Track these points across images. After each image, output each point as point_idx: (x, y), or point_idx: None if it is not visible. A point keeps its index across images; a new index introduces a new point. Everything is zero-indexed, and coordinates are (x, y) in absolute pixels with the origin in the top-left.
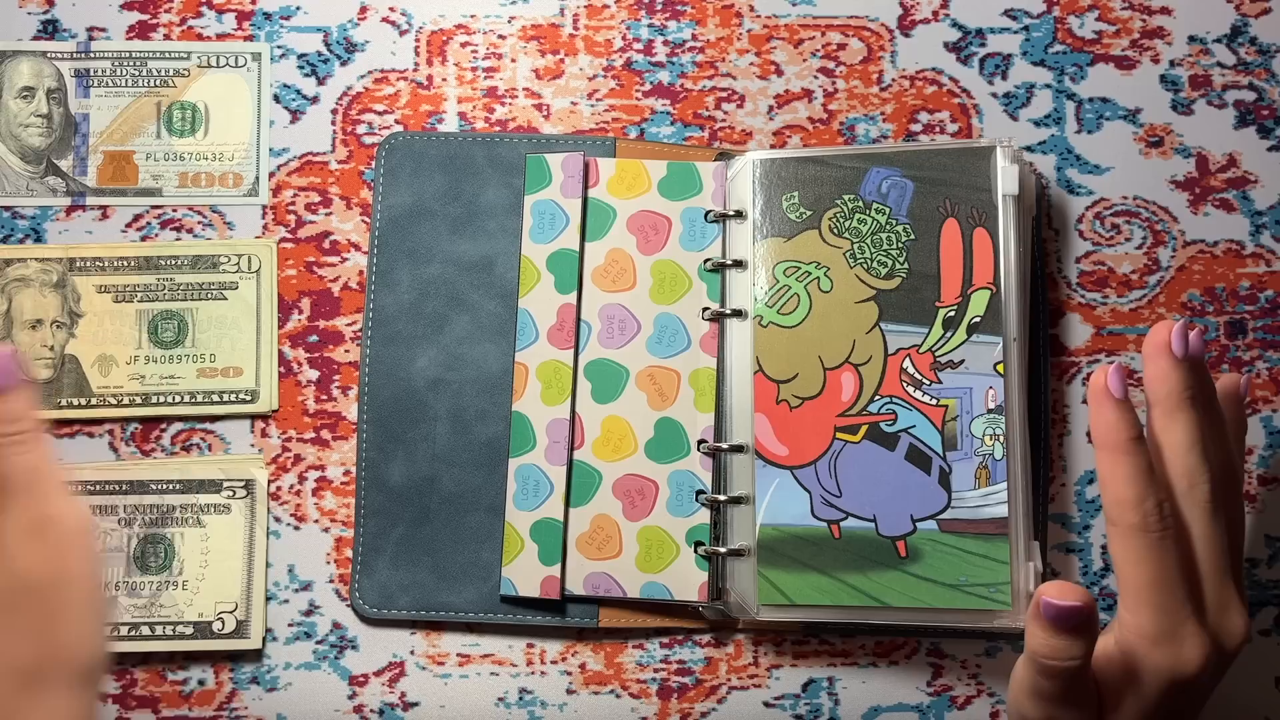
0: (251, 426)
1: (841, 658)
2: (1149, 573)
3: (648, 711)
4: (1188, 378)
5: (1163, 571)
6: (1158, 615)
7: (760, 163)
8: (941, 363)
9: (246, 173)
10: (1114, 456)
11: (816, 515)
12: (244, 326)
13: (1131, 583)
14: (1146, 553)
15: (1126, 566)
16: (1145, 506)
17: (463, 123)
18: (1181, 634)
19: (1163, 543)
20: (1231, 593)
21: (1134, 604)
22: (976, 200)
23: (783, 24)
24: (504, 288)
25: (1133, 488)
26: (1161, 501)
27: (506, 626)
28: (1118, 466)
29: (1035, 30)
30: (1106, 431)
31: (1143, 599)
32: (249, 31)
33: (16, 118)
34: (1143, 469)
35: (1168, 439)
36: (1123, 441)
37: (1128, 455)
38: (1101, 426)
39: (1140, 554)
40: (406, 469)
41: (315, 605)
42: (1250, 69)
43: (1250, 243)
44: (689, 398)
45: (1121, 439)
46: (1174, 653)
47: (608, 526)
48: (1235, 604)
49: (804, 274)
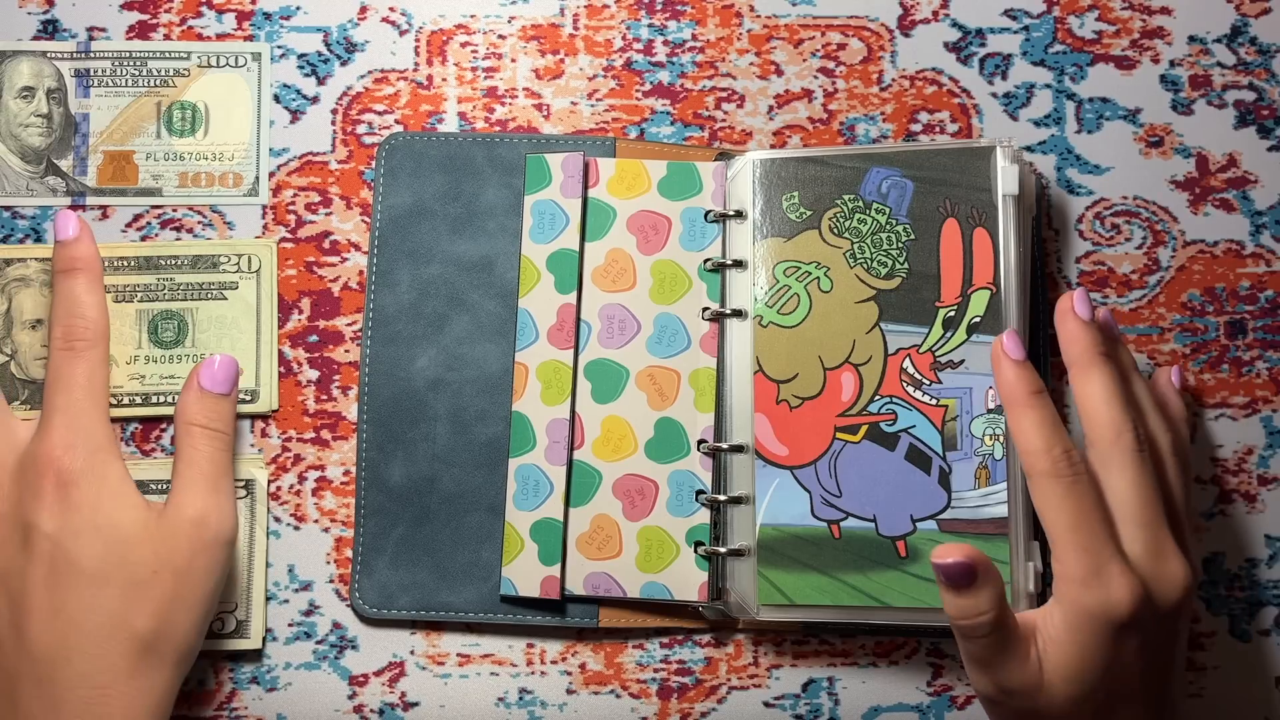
0: (251, 426)
1: (841, 658)
2: (1067, 516)
3: (648, 711)
4: (1096, 335)
5: (1080, 513)
6: (1080, 555)
7: (760, 163)
8: (941, 363)
9: (246, 173)
10: (1019, 410)
11: (816, 515)
12: (244, 326)
13: (1054, 529)
14: (1062, 498)
15: (1047, 513)
16: (1054, 453)
17: (463, 123)
18: (1107, 573)
19: (1076, 486)
20: (1168, 540)
21: (1059, 550)
22: (976, 200)
23: (783, 24)
24: (504, 288)
25: (1040, 436)
26: (1069, 449)
27: (506, 626)
28: (1023, 419)
29: (1035, 30)
30: (1009, 388)
31: (1065, 542)
32: (249, 31)
33: (16, 118)
34: (1048, 419)
35: (1087, 392)
36: (1025, 394)
37: (1031, 408)
38: (1004, 384)
39: (1057, 499)
40: (406, 469)
41: (315, 605)
42: (1250, 69)
43: (1250, 243)
44: (689, 398)
45: (1024, 392)
46: (1102, 592)
47: (608, 526)
48: (1173, 552)
49: (804, 274)
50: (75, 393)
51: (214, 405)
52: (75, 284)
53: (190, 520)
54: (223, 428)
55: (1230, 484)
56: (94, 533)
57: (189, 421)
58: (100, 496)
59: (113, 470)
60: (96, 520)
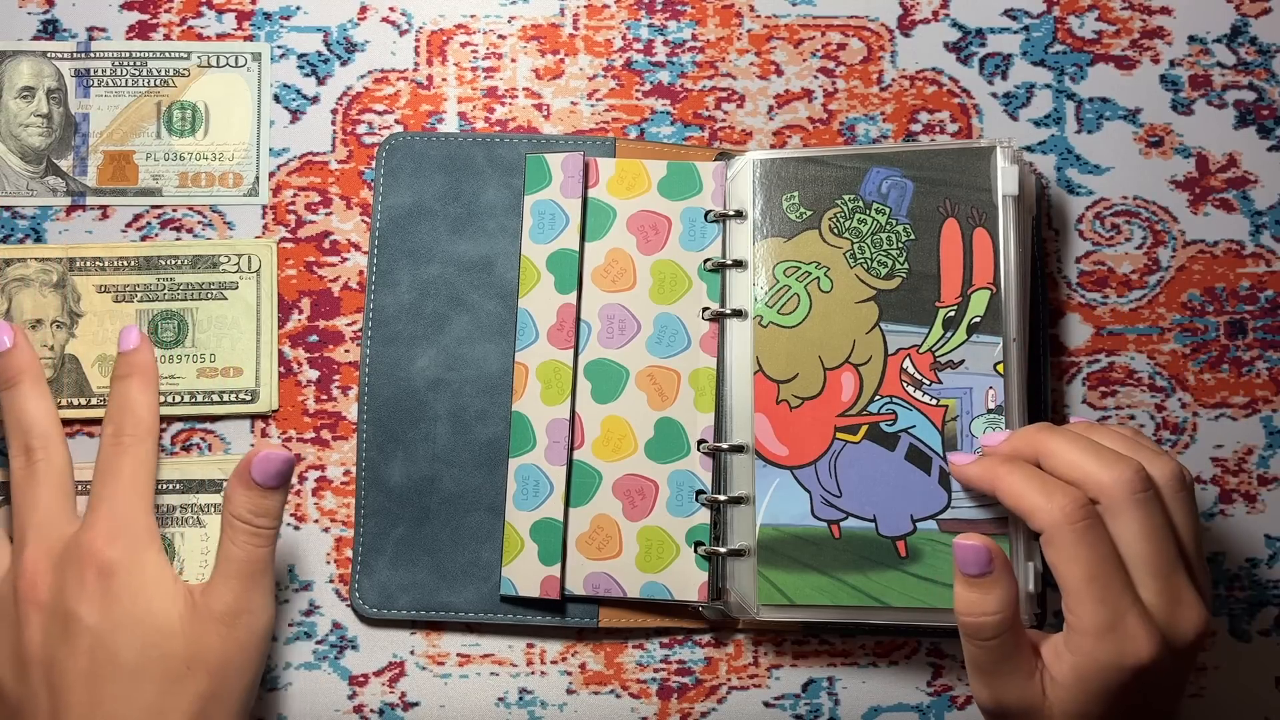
0: (251, 426)
1: (841, 658)
2: (1083, 567)
3: (648, 711)
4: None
5: (1095, 563)
6: (1098, 607)
7: (760, 163)
8: (941, 363)
9: (246, 173)
10: (999, 481)
11: (816, 515)
12: (244, 326)
13: (1069, 581)
14: (1075, 545)
15: (1061, 565)
16: (1057, 501)
17: (463, 123)
18: (1125, 623)
19: (1092, 530)
20: (1183, 585)
21: (1074, 602)
22: (976, 200)
23: (783, 24)
24: (504, 288)
25: (1035, 488)
26: (1073, 494)
27: (506, 626)
28: (1008, 482)
29: (1035, 30)
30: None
31: (1081, 594)
32: (249, 31)
33: (16, 118)
34: (1033, 474)
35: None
36: (996, 467)
37: (1010, 471)
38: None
39: (1070, 549)
40: (406, 469)
41: (315, 605)
42: (1250, 69)
43: (1250, 243)
44: (689, 398)
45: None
46: (1119, 643)
47: (608, 526)
48: (1188, 596)
49: (804, 274)
50: (121, 485)
51: (261, 501)
52: (130, 385)
53: (219, 616)
54: (268, 524)
55: (1230, 484)
56: (133, 625)
57: (234, 514)
58: (140, 586)
59: (152, 560)
60: (135, 611)
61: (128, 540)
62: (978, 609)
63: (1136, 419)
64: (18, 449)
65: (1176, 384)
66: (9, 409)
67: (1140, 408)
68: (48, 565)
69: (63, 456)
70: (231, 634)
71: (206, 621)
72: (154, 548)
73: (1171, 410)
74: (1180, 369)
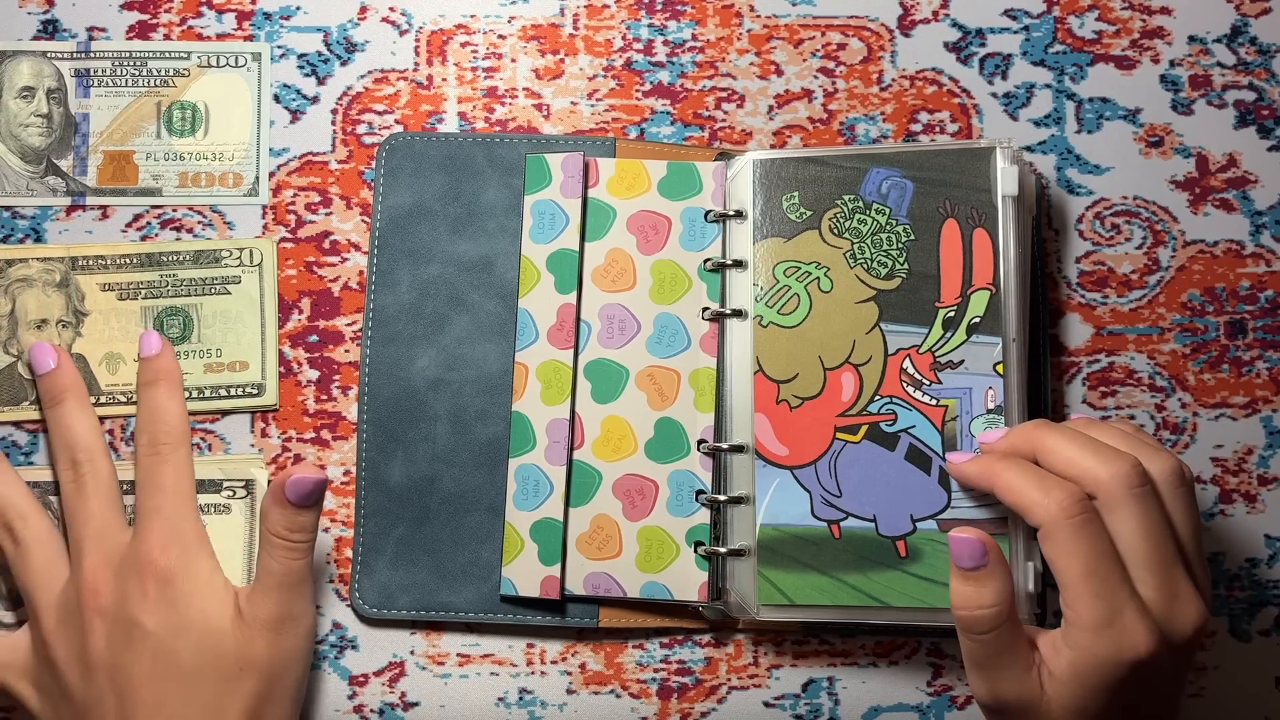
0: (253, 425)
1: (841, 658)
2: (1080, 562)
3: (648, 711)
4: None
5: (1093, 558)
6: (1095, 602)
7: (760, 163)
8: (941, 363)
9: (246, 173)
10: (995, 478)
11: (816, 515)
12: (248, 320)
13: (1066, 576)
14: (1073, 540)
15: (1059, 560)
16: (1054, 496)
17: (463, 123)
18: (1122, 618)
19: (1089, 525)
20: (1181, 581)
21: (1072, 597)
22: (976, 201)
23: (783, 24)
24: (504, 288)
25: (1032, 484)
26: (1070, 489)
27: (506, 626)
28: (1004, 478)
29: (1035, 30)
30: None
31: (1078, 589)
32: (249, 31)
33: (16, 118)
34: (1031, 469)
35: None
36: (992, 465)
37: (1006, 468)
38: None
39: (1068, 544)
40: (406, 469)
41: (315, 605)
42: (1250, 69)
43: (1250, 243)
44: (689, 398)
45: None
46: (1116, 638)
47: (608, 526)
48: (1186, 592)
49: (804, 274)
50: (166, 494)
51: (296, 518)
52: (158, 392)
53: (264, 624)
54: (303, 539)
55: (1230, 484)
56: (190, 629)
57: (270, 531)
58: (194, 591)
59: (204, 566)
60: (191, 615)
61: (180, 548)
62: (973, 602)
63: (1136, 419)
64: (65, 463)
65: (1176, 384)
66: (55, 425)
67: (1140, 408)
68: (108, 574)
69: (107, 468)
70: (277, 639)
71: (253, 628)
72: (205, 552)
73: (1171, 410)
74: (1180, 369)
